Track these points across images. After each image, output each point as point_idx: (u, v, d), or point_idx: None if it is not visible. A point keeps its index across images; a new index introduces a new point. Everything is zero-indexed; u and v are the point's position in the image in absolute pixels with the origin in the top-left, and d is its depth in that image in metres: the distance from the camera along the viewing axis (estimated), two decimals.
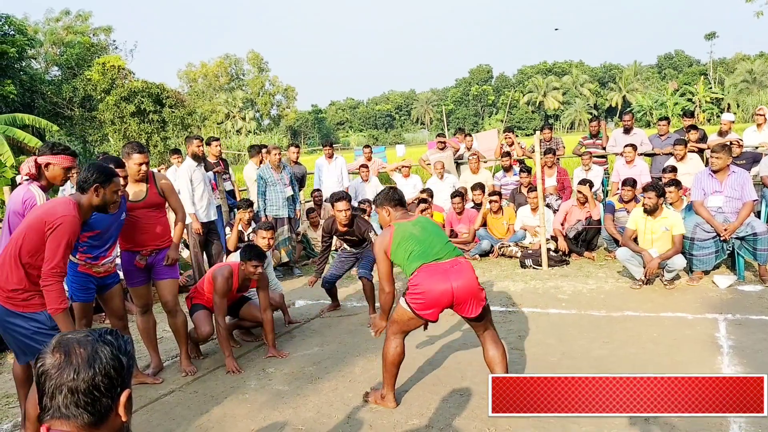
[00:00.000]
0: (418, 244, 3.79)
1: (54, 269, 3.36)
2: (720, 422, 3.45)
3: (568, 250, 8.12)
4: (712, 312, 5.47)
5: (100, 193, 3.69)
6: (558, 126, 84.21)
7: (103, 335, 1.54)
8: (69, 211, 3.46)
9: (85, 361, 1.47)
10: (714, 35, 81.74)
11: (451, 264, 3.72)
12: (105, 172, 3.74)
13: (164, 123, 27.84)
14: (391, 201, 4.09)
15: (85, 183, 3.66)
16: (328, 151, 10.63)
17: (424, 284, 3.67)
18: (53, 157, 3.99)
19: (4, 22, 23.27)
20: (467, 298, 3.68)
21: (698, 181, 6.63)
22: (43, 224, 3.39)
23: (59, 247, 3.38)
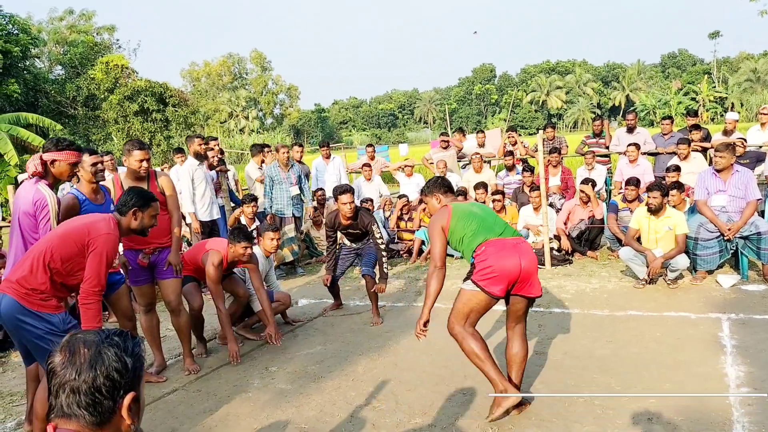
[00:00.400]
0: (481, 221, 3.76)
1: (95, 287, 3.42)
2: (723, 422, 3.45)
3: (571, 250, 8.11)
4: (715, 311, 5.46)
5: (138, 217, 3.75)
6: (561, 125, 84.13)
7: (110, 336, 1.54)
8: (112, 230, 3.52)
9: (88, 361, 1.46)
10: (718, 34, 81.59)
11: (517, 240, 3.70)
12: (144, 197, 3.79)
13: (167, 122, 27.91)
14: (441, 187, 4.09)
15: (124, 206, 3.72)
16: (326, 151, 10.64)
17: (494, 257, 3.59)
18: (59, 153, 3.97)
19: (8, 21, 23.33)
20: (529, 277, 3.63)
21: (702, 180, 6.62)
22: (85, 237, 3.41)
23: (101, 265, 3.42)
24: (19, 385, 5.01)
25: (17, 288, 3.37)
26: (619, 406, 3.76)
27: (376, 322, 5.91)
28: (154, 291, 5.01)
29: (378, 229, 6.06)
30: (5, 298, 3.37)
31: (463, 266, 8.18)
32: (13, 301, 3.36)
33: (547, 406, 3.84)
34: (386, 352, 5.11)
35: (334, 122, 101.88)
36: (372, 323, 5.92)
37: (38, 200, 3.89)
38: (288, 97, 77.96)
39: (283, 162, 8.39)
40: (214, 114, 57.25)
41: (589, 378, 4.21)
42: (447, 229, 3.81)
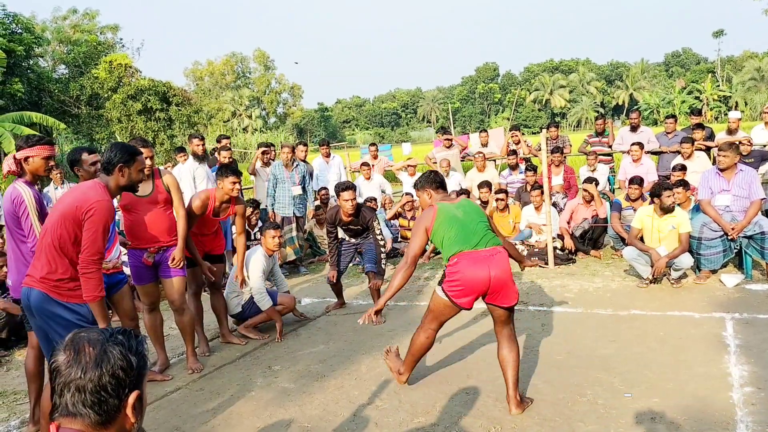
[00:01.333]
0: (461, 227, 3.79)
1: (93, 256, 3.35)
2: (727, 422, 3.44)
3: (575, 249, 8.10)
4: (719, 311, 5.45)
5: (125, 173, 3.67)
6: (564, 124, 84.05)
7: (114, 335, 1.54)
8: (102, 195, 3.45)
9: (93, 360, 1.47)
10: (722, 33, 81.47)
11: (490, 252, 3.74)
12: (128, 151, 3.72)
13: (171, 121, 27.95)
14: (433, 183, 4.11)
15: (109, 164, 3.64)
16: (325, 150, 10.65)
17: (464, 272, 3.69)
18: (30, 149, 3.95)
19: (12, 20, 23.37)
20: (502, 288, 3.72)
21: (705, 179, 6.60)
22: (77, 211, 3.36)
23: (97, 233, 3.36)
24: (22, 383, 5.01)
25: (44, 282, 3.38)
26: (622, 405, 3.75)
27: (378, 321, 5.91)
28: (157, 290, 5.01)
29: (378, 225, 6.07)
30: (33, 291, 3.39)
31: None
32: (42, 293, 3.37)
33: (550, 405, 3.84)
34: None
35: (337, 121, 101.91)
36: (375, 322, 5.91)
37: (15, 197, 3.90)
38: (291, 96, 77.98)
39: (285, 161, 8.39)
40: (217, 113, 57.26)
41: (593, 377, 4.20)
42: (430, 230, 3.89)
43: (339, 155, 11.41)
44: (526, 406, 3.82)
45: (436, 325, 4.00)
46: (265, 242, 5.86)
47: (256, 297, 5.73)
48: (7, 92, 21.43)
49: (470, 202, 4.02)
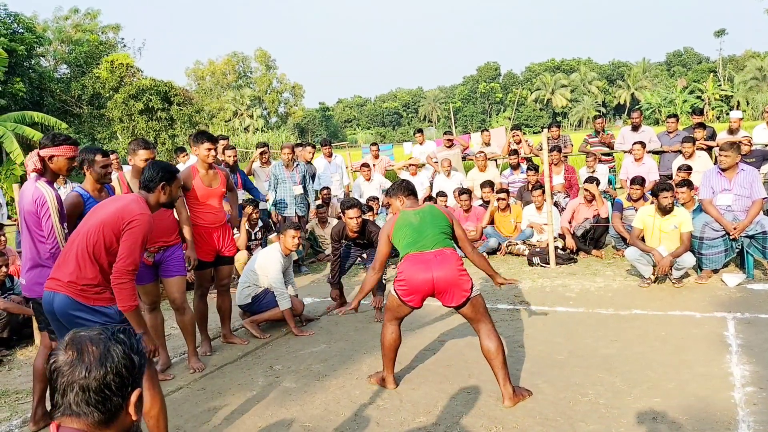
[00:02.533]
0: (413, 232, 4.01)
1: (129, 266, 3.35)
2: (728, 422, 3.43)
3: (576, 248, 8.10)
4: (720, 310, 5.44)
5: (167, 191, 3.70)
6: (566, 124, 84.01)
7: (115, 333, 1.55)
8: (144, 209, 3.46)
9: (97, 359, 1.47)
10: (723, 32, 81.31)
11: (434, 254, 3.92)
12: (170, 170, 3.75)
13: (172, 121, 27.96)
14: (405, 191, 4.31)
15: (151, 182, 3.66)
16: (327, 150, 10.65)
17: (407, 272, 3.94)
18: (56, 148, 3.95)
19: (14, 20, 23.39)
20: (447, 288, 3.88)
21: (707, 179, 6.60)
22: (120, 223, 3.37)
23: (135, 245, 3.36)
24: (24, 383, 5.03)
25: (70, 286, 3.35)
26: (624, 405, 3.75)
27: (379, 318, 5.92)
28: (158, 289, 5.02)
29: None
30: (57, 296, 3.36)
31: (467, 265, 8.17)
32: (67, 298, 3.34)
33: (552, 404, 3.84)
34: None
35: (338, 121, 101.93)
36: (377, 320, 5.92)
37: (38, 198, 3.89)
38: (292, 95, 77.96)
39: (286, 161, 8.39)
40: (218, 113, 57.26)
41: (594, 377, 4.20)
42: (390, 236, 4.14)
43: (341, 155, 11.41)
44: (519, 399, 3.88)
45: (395, 322, 4.19)
46: (285, 241, 5.86)
47: (278, 297, 5.73)
48: (8, 92, 21.45)
49: (433, 208, 4.18)
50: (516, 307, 6.08)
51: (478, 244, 8.85)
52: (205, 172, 5.25)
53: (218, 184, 5.35)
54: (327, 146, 10.75)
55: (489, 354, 3.90)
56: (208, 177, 5.27)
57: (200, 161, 5.24)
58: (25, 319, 6.02)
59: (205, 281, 5.52)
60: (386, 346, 4.21)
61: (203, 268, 5.42)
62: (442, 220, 4.09)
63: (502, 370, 3.87)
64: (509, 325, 5.52)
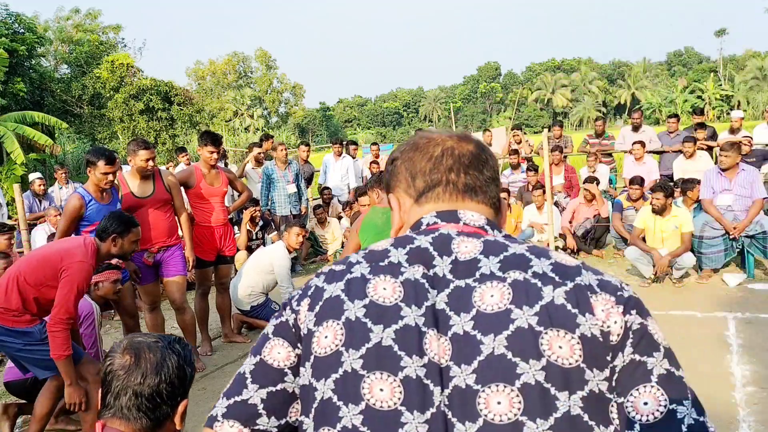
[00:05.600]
0: (376, 233, 3.98)
1: (63, 315, 3.29)
2: (729, 421, 3.43)
3: (577, 248, 8.10)
4: (721, 310, 5.44)
5: (118, 244, 3.68)
6: (567, 124, 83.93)
7: (172, 343, 1.58)
8: (86, 258, 3.42)
9: (153, 366, 1.51)
10: (724, 32, 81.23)
11: None
12: (123, 222, 3.73)
13: (173, 120, 27.98)
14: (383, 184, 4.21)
15: (104, 233, 3.64)
16: (338, 149, 10.61)
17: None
18: (100, 275, 4.27)
19: (15, 20, 23.40)
20: None
21: (707, 179, 6.60)
22: (58, 264, 3.34)
23: (71, 294, 3.32)
24: None
25: None
26: None
27: None
28: (158, 289, 5.02)
29: None
30: None
31: None
32: None
33: None
34: None
35: (339, 121, 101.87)
36: None
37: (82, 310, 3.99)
38: (293, 95, 77.90)
39: (281, 160, 8.38)
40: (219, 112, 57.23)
41: None
42: (358, 231, 4.13)
43: (350, 157, 11.35)
44: None
45: None
46: (289, 239, 5.87)
47: (285, 291, 5.75)
48: (9, 92, 21.45)
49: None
50: None
51: None
52: (207, 172, 5.31)
53: (220, 183, 5.39)
54: (338, 145, 10.64)
55: None
56: (210, 176, 5.33)
57: (203, 162, 5.29)
58: None
59: (206, 280, 5.53)
60: None
61: (204, 267, 5.42)
62: None
63: None
64: None
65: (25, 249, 5.49)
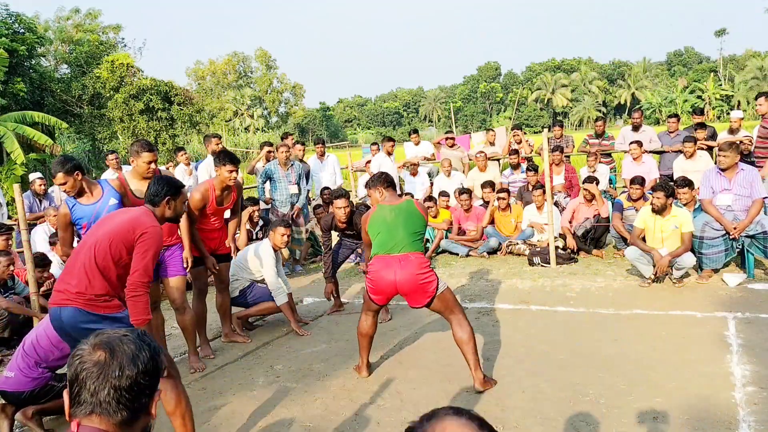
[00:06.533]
0: (385, 230, 4.21)
1: (143, 278, 3.35)
2: (729, 421, 3.43)
3: (577, 248, 8.10)
4: (721, 310, 5.44)
5: (172, 206, 3.68)
6: (567, 124, 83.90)
7: (141, 335, 1.60)
8: (155, 222, 3.47)
9: (130, 358, 1.51)
10: (724, 32, 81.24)
11: (400, 258, 4.12)
12: (175, 185, 3.74)
13: (173, 120, 27.95)
14: (384, 183, 4.48)
15: (156, 197, 3.64)
16: (320, 149, 10.66)
17: (375, 273, 4.19)
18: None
19: (15, 20, 23.38)
20: (409, 291, 4.11)
21: (706, 179, 6.60)
22: (131, 235, 3.36)
23: (148, 256, 3.36)
24: None
25: (78, 297, 3.33)
26: (625, 404, 3.75)
27: (384, 318, 5.92)
28: (158, 289, 5.02)
29: None
30: (65, 310, 3.33)
31: (468, 265, 8.18)
32: (76, 310, 3.32)
33: (552, 404, 3.84)
34: (391, 350, 5.11)
35: (338, 120, 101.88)
36: (380, 320, 5.92)
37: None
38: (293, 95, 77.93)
39: (282, 160, 8.39)
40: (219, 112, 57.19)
41: (595, 377, 4.20)
42: (366, 228, 4.36)
43: (335, 155, 11.41)
44: (489, 385, 4.13)
45: (371, 313, 4.44)
46: (274, 239, 5.87)
47: (274, 292, 5.74)
48: (9, 92, 21.41)
49: (410, 205, 4.34)
50: (517, 307, 6.08)
51: (479, 244, 8.85)
52: (220, 192, 5.31)
53: (228, 202, 5.45)
54: (320, 145, 10.75)
55: (461, 342, 4.12)
56: (221, 197, 5.34)
57: (219, 181, 5.28)
58: (26, 319, 6.01)
59: (201, 279, 5.52)
60: (361, 334, 4.50)
61: (199, 266, 5.42)
62: (418, 219, 4.27)
63: (473, 356, 4.09)
64: (509, 325, 5.52)
65: (25, 249, 5.48)
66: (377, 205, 4.38)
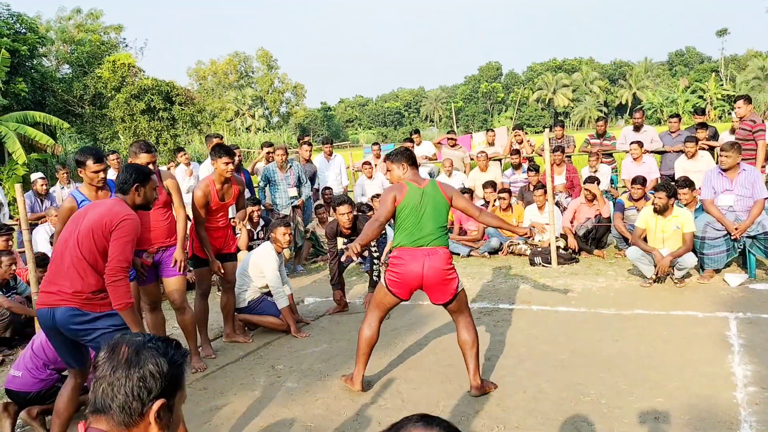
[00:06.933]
0: (414, 222, 4.02)
1: (121, 263, 3.36)
2: (730, 422, 3.43)
3: (578, 248, 8.09)
4: (722, 310, 5.44)
5: (141, 192, 3.71)
6: (568, 124, 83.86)
7: (153, 340, 1.57)
8: (129, 211, 3.50)
9: (125, 360, 1.51)
10: (725, 32, 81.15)
11: (428, 251, 4.00)
12: (143, 171, 3.76)
13: (174, 120, 27.98)
14: (409, 159, 4.22)
15: (125, 184, 3.67)
16: (328, 149, 10.66)
17: (402, 264, 4.01)
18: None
19: (16, 20, 23.41)
20: (435, 285, 4.00)
21: (708, 179, 6.59)
22: (107, 226, 3.38)
23: (126, 243, 3.39)
24: None
25: (76, 297, 3.35)
26: (626, 404, 3.75)
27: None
28: (159, 289, 5.02)
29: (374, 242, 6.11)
30: (58, 310, 3.34)
31: (469, 265, 8.18)
32: (71, 310, 3.34)
33: (554, 404, 3.84)
34: (392, 350, 5.11)
35: (340, 120, 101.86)
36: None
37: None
38: (294, 95, 77.93)
39: (279, 164, 8.43)
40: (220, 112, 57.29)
41: (596, 377, 4.20)
42: (398, 203, 4.06)
43: (341, 155, 11.41)
44: (487, 389, 4.05)
45: (377, 315, 4.21)
46: (276, 239, 5.86)
47: (276, 295, 5.73)
48: (11, 92, 21.43)
49: (436, 191, 4.11)
50: (518, 307, 6.08)
51: (480, 244, 8.85)
52: (221, 186, 5.31)
53: (230, 197, 5.44)
54: (328, 144, 10.75)
55: (465, 345, 4.07)
56: (222, 191, 5.34)
57: (217, 175, 5.28)
58: (28, 319, 6.02)
59: (205, 280, 5.52)
60: (362, 340, 4.22)
61: (204, 266, 5.42)
62: (443, 208, 4.10)
63: (474, 360, 4.05)
64: (510, 325, 5.52)
65: (26, 249, 5.48)
66: (406, 184, 4.09)
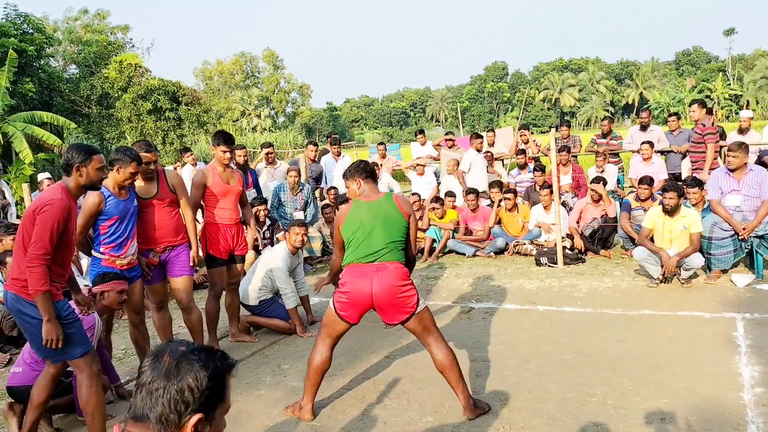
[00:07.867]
0: (361, 236, 3.71)
1: (38, 251, 3.34)
2: (737, 422, 3.42)
3: (584, 248, 8.07)
4: (729, 311, 5.42)
5: (83, 172, 3.60)
6: (574, 123, 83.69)
7: (197, 351, 1.54)
8: (56, 195, 3.46)
9: (164, 369, 1.50)
10: (733, 31, 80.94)
11: (377, 268, 3.65)
12: (83, 151, 3.65)
13: (180, 121, 28.05)
14: (363, 173, 3.90)
15: (67, 166, 3.62)
16: (336, 149, 10.64)
17: (349, 284, 3.68)
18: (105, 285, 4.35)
19: (24, 21, 23.51)
20: (386, 304, 3.63)
21: (715, 180, 6.57)
22: (33, 212, 3.41)
23: (45, 230, 3.35)
24: None
25: (14, 283, 3.45)
26: (632, 405, 3.74)
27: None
28: (165, 289, 5.03)
29: None
30: (8, 294, 3.49)
31: (475, 265, 8.17)
32: (14, 295, 3.45)
33: (559, 404, 3.83)
34: (398, 350, 5.11)
35: (345, 120, 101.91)
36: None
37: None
38: (300, 95, 78.02)
39: (291, 185, 8.47)
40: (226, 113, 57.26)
41: (602, 377, 4.19)
42: (340, 228, 3.83)
43: (349, 155, 11.40)
44: (480, 411, 3.73)
45: (328, 341, 3.84)
46: (289, 238, 5.86)
47: (283, 293, 5.74)
48: (18, 92, 21.52)
49: (390, 203, 3.80)
50: (523, 307, 6.07)
51: (486, 244, 8.83)
52: (222, 170, 5.39)
53: (236, 182, 5.46)
54: (336, 145, 10.71)
55: (443, 368, 3.69)
56: (225, 174, 5.39)
57: (217, 161, 5.37)
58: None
59: (218, 280, 5.52)
60: (312, 367, 3.82)
61: (218, 266, 5.44)
62: (397, 222, 3.75)
63: (459, 382, 3.69)
64: (516, 325, 5.51)
65: None
66: (353, 201, 3.82)
